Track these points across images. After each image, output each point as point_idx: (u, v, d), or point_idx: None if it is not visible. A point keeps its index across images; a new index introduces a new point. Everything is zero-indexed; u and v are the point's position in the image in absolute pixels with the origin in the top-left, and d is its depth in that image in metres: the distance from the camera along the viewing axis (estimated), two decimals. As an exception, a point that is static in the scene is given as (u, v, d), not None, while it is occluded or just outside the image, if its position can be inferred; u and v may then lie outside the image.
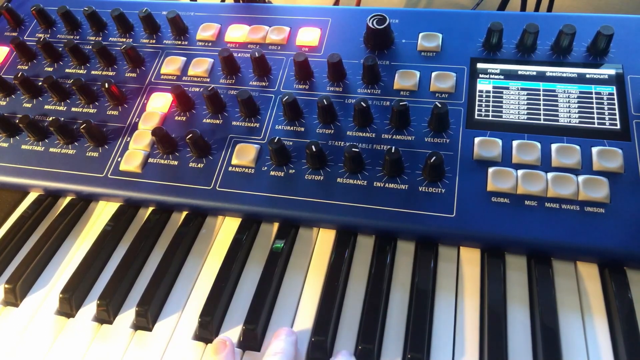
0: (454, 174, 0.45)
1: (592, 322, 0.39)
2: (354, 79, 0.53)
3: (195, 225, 0.49)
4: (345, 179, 0.46)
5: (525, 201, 0.43)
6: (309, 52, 0.56)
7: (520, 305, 0.41)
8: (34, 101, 0.58)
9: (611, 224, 0.41)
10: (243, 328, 0.41)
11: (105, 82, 0.54)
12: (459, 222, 0.43)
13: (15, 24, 0.65)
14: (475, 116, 0.48)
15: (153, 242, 0.49)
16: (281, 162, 0.48)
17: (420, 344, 0.38)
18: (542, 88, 0.49)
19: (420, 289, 0.42)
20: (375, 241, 0.46)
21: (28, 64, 0.61)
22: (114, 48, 0.60)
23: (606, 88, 0.48)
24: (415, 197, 0.44)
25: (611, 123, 0.46)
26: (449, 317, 0.40)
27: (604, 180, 0.42)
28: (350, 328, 0.41)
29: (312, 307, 0.42)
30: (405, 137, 0.48)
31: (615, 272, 0.41)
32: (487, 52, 0.52)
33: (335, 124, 0.50)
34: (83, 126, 0.52)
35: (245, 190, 0.47)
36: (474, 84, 0.50)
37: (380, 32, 0.53)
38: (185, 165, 0.50)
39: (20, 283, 0.46)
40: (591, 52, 0.50)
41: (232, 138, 0.51)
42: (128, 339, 0.42)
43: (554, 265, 0.42)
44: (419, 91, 0.51)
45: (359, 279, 0.44)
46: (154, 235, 0.49)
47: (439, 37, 0.54)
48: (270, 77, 0.55)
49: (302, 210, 0.46)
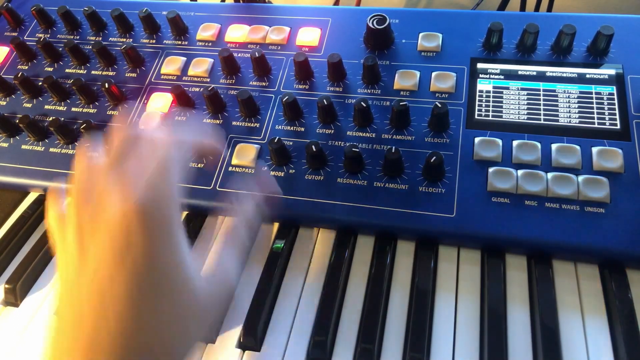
0: (454, 174, 0.45)
1: (592, 322, 0.39)
2: (354, 79, 0.53)
3: (195, 225, 0.49)
4: (345, 179, 0.46)
5: (526, 201, 0.43)
6: (309, 52, 0.56)
7: (520, 305, 0.41)
8: (34, 101, 0.58)
9: (611, 224, 0.41)
10: (243, 328, 0.41)
11: (105, 82, 0.54)
12: (459, 222, 0.43)
13: (15, 24, 0.65)
14: (475, 116, 0.48)
15: (153, 242, 0.49)
16: (281, 162, 0.48)
17: (420, 344, 0.38)
18: (542, 88, 0.49)
19: (420, 289, 0.42)
20: (375, 241, 0.46)
21: (28, 64, 0.61)
22: (114, 48, 0.59)
23: (606, 88, 0.48)
24: (415, 197, 0.44)
25: (611, 123, 0.46)
26: (449, 317, 0.40)
27: (604, 180, 0.42)
28: (350, 328, 0.41)
29: (312, 307, 0.42)
30: (405, 137, 0.48)
31: (615, 272, 0.41)
32: (487, 52, 0.52)
33: (335, 124, 0.50)
34: (83, 126, 0.52)
35: (246, 190, 0.47)
36: (474, 84, 0.50)
37: (380, 32, 0.53)
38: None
39: (20, 283, 0.46)
40: (591, 52, 0.50)
41: (232, 138, 0.51)
42: (128, 339, 0.42)
43: (554, 265, 0.42)
44: (419, 91, 0.51)
45: (359, 279, 0.44)
46: (154, 235, 0.49)
47: (439, 37, 0.54)
48: (270, 77, 0.55)
49: (302, 210, 0.46)
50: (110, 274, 0.27)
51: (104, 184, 0.30)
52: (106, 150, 0.33)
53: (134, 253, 0.28)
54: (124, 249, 0.28)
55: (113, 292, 0.27)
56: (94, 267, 0.28)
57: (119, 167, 0.30)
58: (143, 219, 0.28)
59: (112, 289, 0.27)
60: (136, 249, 0.28)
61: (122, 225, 0.28)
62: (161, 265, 0.29)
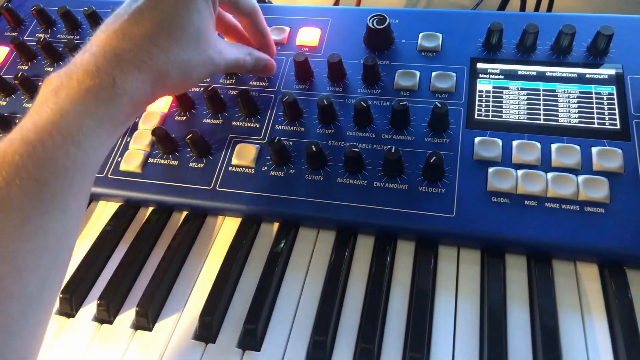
0: (453, 174, 0.45)
1: (592, 322, 0.39)
2: (354, 79, 0.53)
3: (195, 225, 0.49)
4: (345, 179, 0.46)
5: (525, 201, 0.43)
6: (309, 52, 0.56)
7: (520, 305, 0.41)
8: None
9: (611, 224, 0.41)
10: (243, 328, 0.41)
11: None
12: (459, 222, 0.43)
13: (15, 24, 0.65)
14: (475, 116, 0.48)
15: (153, 242, 0.49)
16: (281, 162, 0.48)
17: (420, 343, 0.38)
18: (542, 88, 0.49)
19: (420, 289, 0.42)
20: (375, 241, 0.46)
21: (28, 64, 0.61)
22: (114, 48, 0.59)
23: (606, 88, 0.48)
24: (415, 197, 0.44)
25: (611, 123, 0.46)
26: (449, 317, 0.41)
27: (604, 180, 0.43)
28: (350, 328, 0.41)
29: (312, 307, 0.42)
30: (405, 137, 0.48)
31: (615, 272, 0.41)
32: (487, 52, 0.52)
33: (335, 124, 0.50)
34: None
35: (245, 190, 0.47)
36: (474, 84, 0.50)
37: (380, 32, 0.53)
38: (186, 165, 0.50)
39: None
40: (591, 52, 0.50)
41: (232, 138, 0.51)
42: (128, 339, 0.43)
43: (554, 265, 0.43)
44: (419, 91, 0.51)
45: (359, 279, 0.44)
46: (154, 235, 0.49)
47: (439, 37, 0.54)
48: (270, 77, 0.55)
49: (302, 210, 0.46)
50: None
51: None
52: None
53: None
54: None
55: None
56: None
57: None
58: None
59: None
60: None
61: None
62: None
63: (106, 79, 0.35)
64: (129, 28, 0.37)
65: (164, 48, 0.38)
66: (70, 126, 0.33)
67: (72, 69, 0.36)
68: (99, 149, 0.36)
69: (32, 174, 0.31)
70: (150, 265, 0.47)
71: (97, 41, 0.37)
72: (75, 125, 0.33)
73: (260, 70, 0.51)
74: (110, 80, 0.35)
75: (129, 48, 0.37)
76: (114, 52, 0.36)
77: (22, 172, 0.31)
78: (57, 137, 0.32)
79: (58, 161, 0.32)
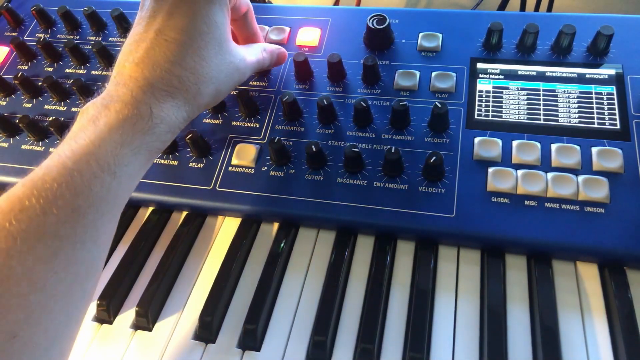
0: (453, 174, 0.45)
1: (592, 322, 0.39)
2: (354, 79, 0.53)
3: (195, 225, 0.49)
4: (345, 179, 0.46)
5: (525, 201, 0.43)
6: (309, 52, 0.56)
7: (520, 305, 0.41)
8: (34, 101, 0.58)
9: (611, 224, 0.41)
10: (243, 328, 0.41)
11: (105, 82, 0.54)
12: (458, 222, 0.43)
13: (15, 24, 0.65)
14: (475, 116, 0.48)
15: (153, 242, 0.49)
16: (281, 162, 0.48)
17: (420, 343, 0.38)
18: (542, 88, 0.49)
19: (420, 289, 0.42)
20: (375, 241, 0.46)
21: (28, 64, 0.61)
22: (114, 48, 0.59)
23: (606, 88, 0.48)
24: (415, 197, 0.44)
25: (611, 123, 0.46)
26: (449, 317, 0.41)
27: (604, 180, 0.43)
28: (350, 328, 0.41)
29: (312, 307, 0.42)
30: (405, 137, 0.48)
31: (615, 272, 0.41)
32: (487, 52, 0.52)
33: (335, 124, 0.50)
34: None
35: (245, 190, 0.47)
36: (474, 84, 0.50)
37: (380, 32, 0.53)
38: (185, 165, 0.50)
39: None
40: (591, 52, 0.50)
41: (232, 138, 0.51)
42: (128, 339, 0.43)
43: (554, 265, 0.43)
44: (419, 91, 0.51)
45: (359, 279, 0.44)
46: (154, 235, 0.49)
47: (439, 37, 0.54)
48: (270, 77, 0.55)
49: (302, 210, 0.46)
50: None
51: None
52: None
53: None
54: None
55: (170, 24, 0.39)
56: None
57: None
58: None
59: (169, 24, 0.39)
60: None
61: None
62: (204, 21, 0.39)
63: (144, 108, 0.36)
64: (155, 55, 0.37)
65: (192, 69, 0.38)
66: (108, 155, 0.33)
67: (107, 99, 0.36)
68: (133, 178, 0.36)
69: (69, 202, 0.31)
70: (150, 265, 0.47)
71: (127, 71, 0.37)
72: (113, 154, 0.33)
73: (276, 62, 0.52)
74: (147, 110, 0.36)
75: (160, 76, 0.37)
76: (148, 82, 0.37)
77: (59, 201, 0.30)
78: (94, 165, 0.32)
79: (93, 190, 0.32)
